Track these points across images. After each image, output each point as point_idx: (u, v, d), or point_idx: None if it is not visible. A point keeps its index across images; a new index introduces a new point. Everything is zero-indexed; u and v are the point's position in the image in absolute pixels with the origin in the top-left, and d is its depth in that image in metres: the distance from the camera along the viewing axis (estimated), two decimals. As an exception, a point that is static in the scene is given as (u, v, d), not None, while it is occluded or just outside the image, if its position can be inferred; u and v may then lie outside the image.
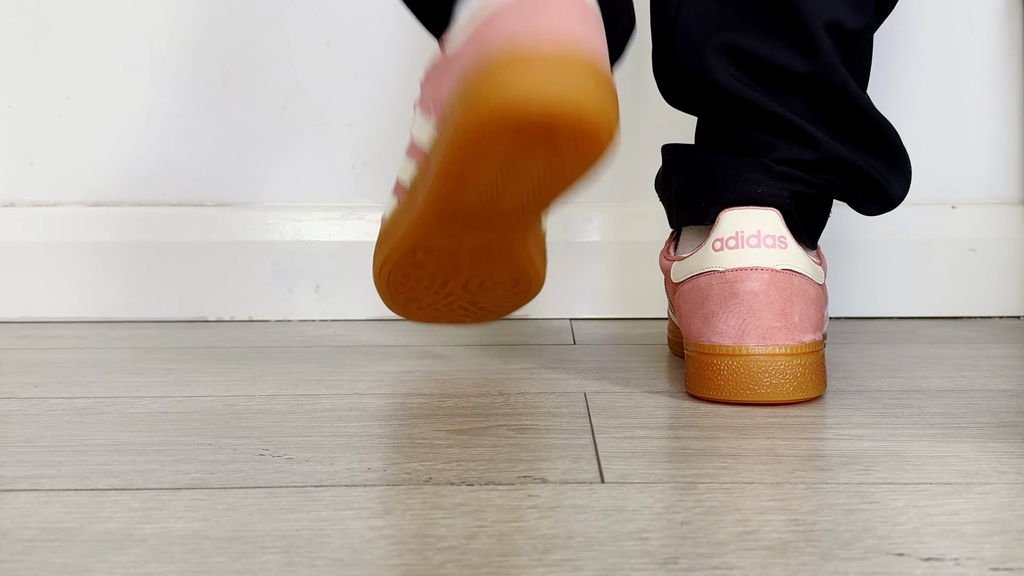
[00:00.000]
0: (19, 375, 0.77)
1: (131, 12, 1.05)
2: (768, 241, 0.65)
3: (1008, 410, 0.64)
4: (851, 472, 0.52)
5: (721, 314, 0.64)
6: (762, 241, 0.64)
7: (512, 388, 0.71)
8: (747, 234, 0.65)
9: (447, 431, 0.60)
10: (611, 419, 0.62)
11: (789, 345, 0.63)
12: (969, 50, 1.03)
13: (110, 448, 0.57)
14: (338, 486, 0.50)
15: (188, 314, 1.05)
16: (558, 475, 0.51)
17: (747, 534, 0.43)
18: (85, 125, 1.06)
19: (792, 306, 0.64)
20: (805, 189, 0.68)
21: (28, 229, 1.06)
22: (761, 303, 0.63)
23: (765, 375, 0.63)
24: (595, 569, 0.40)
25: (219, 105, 1.05)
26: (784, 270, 0.64)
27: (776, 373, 0.63)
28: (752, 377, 0.63)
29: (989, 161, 1.04)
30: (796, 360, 0.63)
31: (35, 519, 0.45)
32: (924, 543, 0.42)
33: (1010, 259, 1.03)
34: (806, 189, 0.68)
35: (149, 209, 1.06)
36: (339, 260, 1.05)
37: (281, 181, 1.06)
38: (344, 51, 1.05)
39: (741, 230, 0.65)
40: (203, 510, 0.46)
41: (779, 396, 0.63)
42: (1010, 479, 0.50)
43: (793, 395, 0.64)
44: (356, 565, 0.40)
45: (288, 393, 0.70)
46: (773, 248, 0.64)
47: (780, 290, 0.64)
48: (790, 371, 0.63)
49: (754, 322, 0.63)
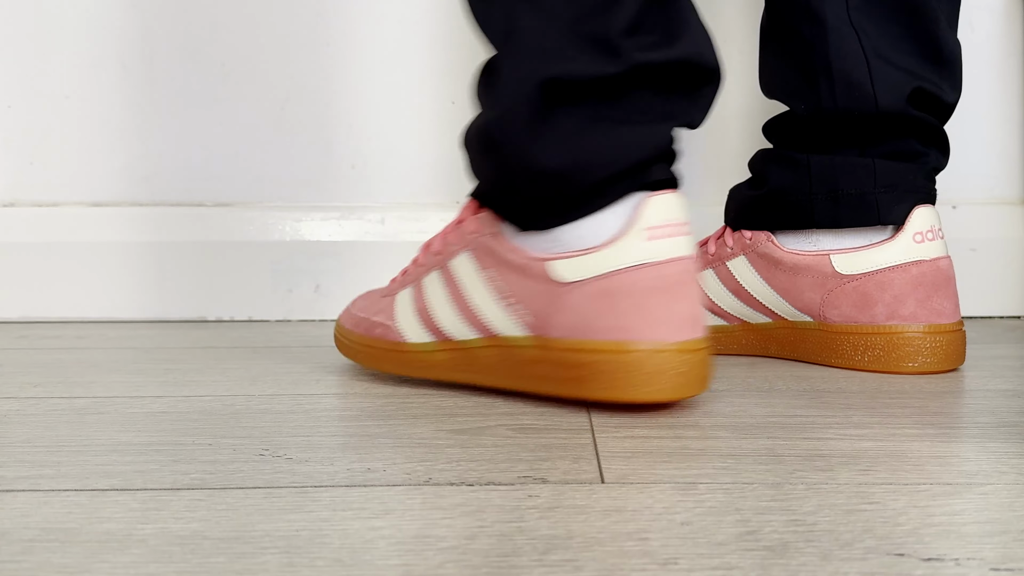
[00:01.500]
0: (19, 375, 0.77)
1: (131, 12, 1.04)
2: (940, 233, 0.80)
3: (1008, 410, 0.64)
4: (851, 472, 0.52)
5: (944, 294, 0.78)
6: (937, 235, 0.79)
7: (512, 388, 0.71)
8: (936, 227, 0.79)
9: (447, 431, 0.60)
10: (611, 419, 0.62)
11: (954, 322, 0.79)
12: (969, 50, 1.03)
13: (110, 448, 0.57)
14: (338, 486, 0.50)
15: (188, 314, 1.05)
16: (558, 475, 0.51)
17: (747, 534, 0.43)
18: (85, 125, 1.06)
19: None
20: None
21: (28, 229, 1.06)
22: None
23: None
24: (595, 569, 0.40)
25: (219, 105, 1.05)
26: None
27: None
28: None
29: (989, 161, 1.04)
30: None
31: (35, 519, 0.45)
32: (924, 543, 0.42)
33: (1010, 259, 1.03)
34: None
35: (149, 209, 1.06)
36: (339, 260, 1.05)
37: (281, 181, 1.06)
38: (344, 51, 1.05)
39: (933, 224, 0.79)
40: (203, 510, 0.46)
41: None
42: (1010, 479, 0.50)
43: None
44: (356, 565, 0.40)
45: (288, 393, 0.70)
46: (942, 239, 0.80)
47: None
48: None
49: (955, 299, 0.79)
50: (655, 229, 0.61)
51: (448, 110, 1.05)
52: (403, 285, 0.73)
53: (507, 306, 0.65)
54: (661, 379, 0.61)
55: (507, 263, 0.65)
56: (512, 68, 0.62)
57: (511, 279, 0.64)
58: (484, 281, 0.66)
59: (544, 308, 0.63)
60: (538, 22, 0.61)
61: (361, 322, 0.74)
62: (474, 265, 0.67)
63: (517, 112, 0.61)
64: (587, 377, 0.61)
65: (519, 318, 0.64)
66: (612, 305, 0.61)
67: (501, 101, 0.62)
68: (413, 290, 0.71)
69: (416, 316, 0.70)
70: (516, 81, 0.61)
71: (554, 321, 0.63)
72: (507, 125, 0.62)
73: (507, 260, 0.65)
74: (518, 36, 0.62)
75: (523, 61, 0.61)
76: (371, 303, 0.75)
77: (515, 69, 0.62)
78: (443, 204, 1.06)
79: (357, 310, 0.76)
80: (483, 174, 0.67)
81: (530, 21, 0.61)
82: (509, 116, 0.62)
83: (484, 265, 0.66)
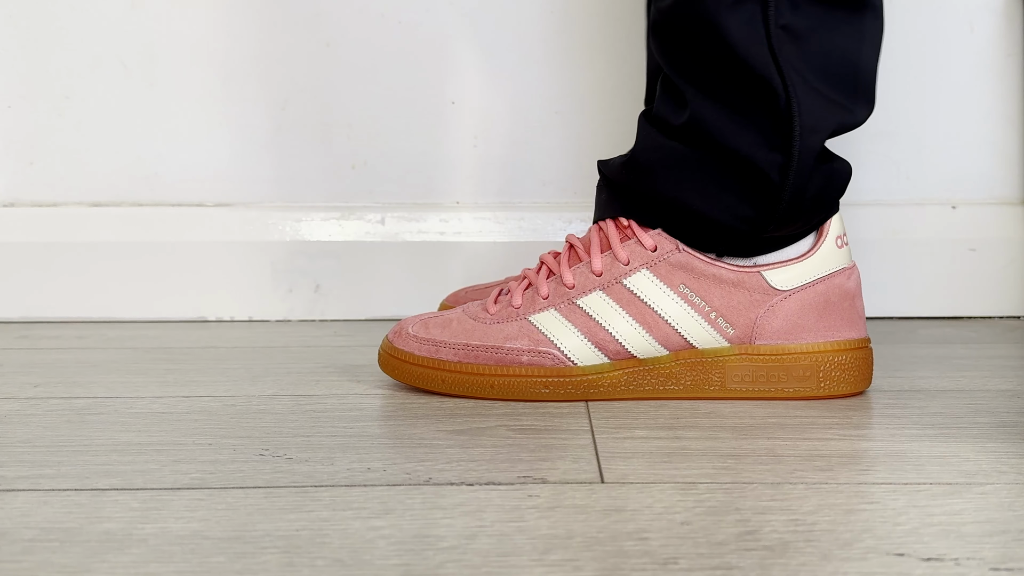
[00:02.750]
0: (19, 375, 0.77)
1: (131, 12, 1.04)
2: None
3: (1008, 410, 0.64)
4: (851, 472, 0.52)
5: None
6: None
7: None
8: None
9: (447, 431, 0.60)
10: (611, 419, 0.62)
11: None
12: (969, 50, 1.03)
13: (110, 448, 0.57)
14: (338, 486, 0.50)
15: (188, 314, 1.05)
16: (558, 475, 0.51)
17: (747, 534, 0.43)
18: (85, 125, 1.06)
19: None
20: None
21: (28, 229, 1.06)
22: None
23: None
24: (595, 569, 0.40)
25: (219, 105, 1.05)
26: None
27: None
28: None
29: (989, 161, 1.04)
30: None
31: (35, 519, 0.45)
32: (924, 543, 0.42)
33: (1010, 259, 1.03)
34: None
35: (149, 209, 1.06)
36: (339, 260, 1.05)
37: (281, 181, 1.06)
38: (344, 51, 1.05)
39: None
40: (203, 510, 0.46)
41: None
42: (1010, 479, 0.50)
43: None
44: (356, 565, 0.40)
45: (288, 393, 0.70)
46: None
47: None
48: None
49: None
50: (840, 238, 0.69)
51: (448, 110, 1.05)
52: (535, 310, 0.68)
53: (707, 320, 0.67)
54: (860, 372, 0.68)
55: (711, 277, 0.67)
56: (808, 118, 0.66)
57: (714, 293, 0.67)
58: (677, 298, 0.67)
59: (755, 317, 0.67)
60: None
61: (476, 351, 0.68)
62: (658, 283, 0.67)
63: (809, 160, 0.66)
64: (801, 378, 0.67)
65: (720, 331, 0.67)
66: (824, 308, 0.68)
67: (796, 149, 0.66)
68: (567, 312, 0.68)
69: (584, 339, 0.67)
70: (811, 131, 0.65)
71: (764, 328, 0.67)
72: (801, 175, 0.66)
73: (711, 275, 0.67)
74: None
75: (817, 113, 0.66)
76: (472, 329, 0.69)
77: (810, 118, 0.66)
78: (443, 204, 1.06)
79: (450, 337, 0.69)
80: (719, 210, 0.67)
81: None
82: (804, 166, 0.66)
83: (673, 282, 0.67)
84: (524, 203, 1.04)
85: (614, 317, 0.67)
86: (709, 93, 0.66)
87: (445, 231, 1.04)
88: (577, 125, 1.03)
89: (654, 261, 0.67)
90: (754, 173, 0.66)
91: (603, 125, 1.02)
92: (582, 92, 1.03)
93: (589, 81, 1.02)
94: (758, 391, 0.67)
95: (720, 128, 0.66)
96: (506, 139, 1.04)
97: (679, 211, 0.68)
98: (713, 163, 0.67)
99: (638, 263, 0.67)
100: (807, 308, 0.68)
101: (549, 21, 1.02)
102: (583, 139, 1.03)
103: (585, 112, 1.03)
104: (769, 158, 0.65)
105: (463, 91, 1.04)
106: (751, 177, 0.66)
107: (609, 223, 0.69)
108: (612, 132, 1.01)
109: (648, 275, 0.67)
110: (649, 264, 0.67)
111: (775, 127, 0.65)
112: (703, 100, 0.66)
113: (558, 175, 1.03)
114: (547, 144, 1.03)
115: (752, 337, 0.67)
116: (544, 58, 1.02)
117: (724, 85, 0.66)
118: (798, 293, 0.67)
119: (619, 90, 1.01)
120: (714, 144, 0.66)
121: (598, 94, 1.02)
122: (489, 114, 1.03)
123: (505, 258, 1.01)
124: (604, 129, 1.02)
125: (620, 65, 1.01)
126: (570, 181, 1.03)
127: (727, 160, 0.66)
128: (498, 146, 1.04)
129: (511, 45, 1.02)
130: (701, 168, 0.67)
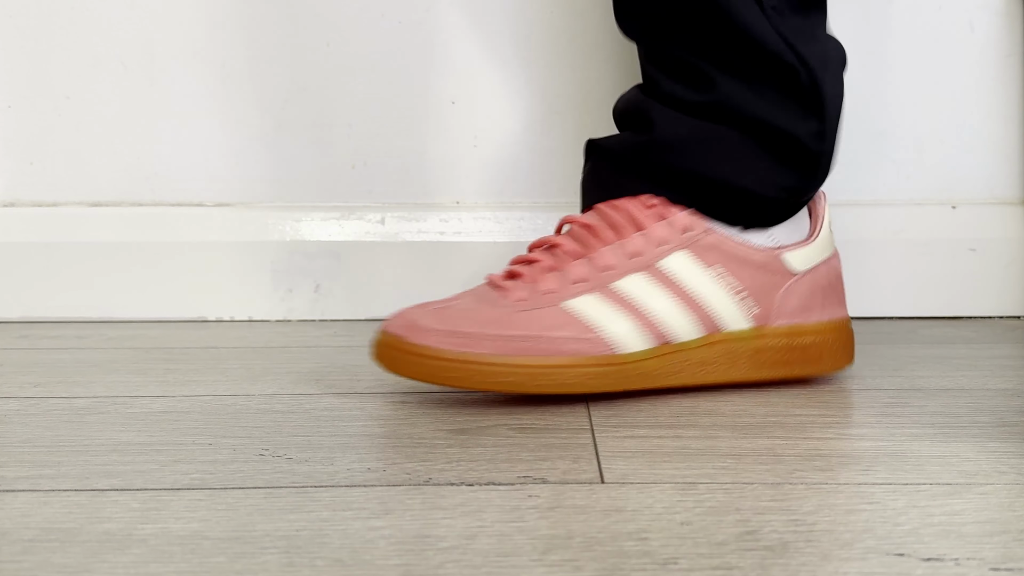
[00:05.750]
0: (19, 375, 0.77)
1: (131, 12, 1.04)
2: None
3: (1008, 410, 0.64)
4: (851, 472, 0.52)
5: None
6: None
7: (512, 388, 0.70)
8: None
9: (447, 431, 0.60)
10: (611, 419, 0.62)
11: None
12: (969, 50, 1.03)
13: (110, 448, 0.57)
14: (338, 486, 0.50)
15: (188, 314, 1.05)
16: (558, 475, 0.51)
17: (747, 534, 0.43)
18: (85, 125, 1.06)
19: None
20: None
21: (28, 229, 1.06)
22: None
23: None
24: (595, 569, 0.40)
25: (219, 105, 1.05)
26: None
27: None
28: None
29: (989, 161, 1.04)
30: None
31: (35, 519, 0.45)
32: (924, 543, 0.42)
33: (1010, 259, 1.03)
34: None
35: (149, 209, 1.06)
36: (339, 260, 1.05)
37: (281, 181, 1.06)
38: (344, 51, 1.05)
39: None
40: (203, 510, 0.46)
41: None
42: (1010, 479, 0.50)
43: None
44: (356, 565, 0.40)
45: (288, 393, 0.70)
46: None
47: None
48: None
49: None
50: (830, 223, 0.74)
51: (448, 110, 1.05)
52: (571, 295, 0.65)
53: (740, 300, 0.68)
54: (850, 348, 0.73)
55: (741, 259, 0.68)
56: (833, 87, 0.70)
57: (745, 273, 0.68)
58: (713, 278, 0.67)
59: (774, 298, 0.69)
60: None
61: (514, 342, 0.63)
62: (696, 262, 0.67)
63: (836, 126, 0.70)
64: (815, 357, 0.70)
65: (747, 311, 0.68)
66: (830, 287, 0.72)
67: (827, 113, 0.69)
68: (603, 297, 0.65)
69: (632, 323, 0.65)
70: (834, 98, 0.70)
71: (781, 309, 0.69)
72: (832, 137, 0.70)
73: (741, 256, 0.68)
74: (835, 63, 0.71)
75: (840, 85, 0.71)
76: (501, 318, 0.64)
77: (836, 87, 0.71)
78: (443, 204, 1.06)
79: (479, 328, 0.64)
80: (753, 177, 0.69)
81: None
82: (833, 129, 0.70)
83: (709, 262, 0.67)
84: (524, 203, 1.04)
85: (656, 299, 0.66)
86: (735, 73, 0.68)
87: (445, 231, 1.04)
88: (577, 125, 1.03)
89: (690, 241, 0.67)
90: (793, 144, 0.69)
91: (603, 125, 1.02)
92: (582, 92, 1.03)
93: (589, 81, 1.02)
94: (778, 373, 0.70)
95: (751, 105, 0.68)
96: (506, 139, 1.04)
97: (713, 186, 0.69)
98: (751, 138, 0.69)
99: (675, 243, 0.67)
100: (816, 289, 0.71)
101: (549, 21, 1.02)
102: (583, 139, 1.03)
103: (585, 112, 1.03)
104: (806, 128, 0.68)
105: (463, 91, 1.04)
106: (790, 148, 0.69)
107: (629, 202, 0.68)
108: (612, 132, 1.01)
109: (687, 255, 0.67)
110: (686, 244, 0.67)
111: (803, 101, 0.68)
112: (729, 79, 0.68)
113: (558, 175, 1.03)
114: (547, 144, 1.03)
115: (771, 318, 0.69)
116: (544, 58, 1.02)
117: (747, 66, 0.68)
118: (809, 275, 0.70)
119: (619, 90, 1.01)
120: (748, 120, 0.68)
121: (598, 94, 1.02)
122: (489, 114, 1.03)
123: (505, 258, 1.01)
124: (604, 129, 1.02)
125: (620, 65, 1.01)
126: (570, 181, 1.03)
127: (764, 134, 0.68)
128: (498, 146, 1.04)
129: (511, 45, 1.02)
130: (740, 143, 0.69)
